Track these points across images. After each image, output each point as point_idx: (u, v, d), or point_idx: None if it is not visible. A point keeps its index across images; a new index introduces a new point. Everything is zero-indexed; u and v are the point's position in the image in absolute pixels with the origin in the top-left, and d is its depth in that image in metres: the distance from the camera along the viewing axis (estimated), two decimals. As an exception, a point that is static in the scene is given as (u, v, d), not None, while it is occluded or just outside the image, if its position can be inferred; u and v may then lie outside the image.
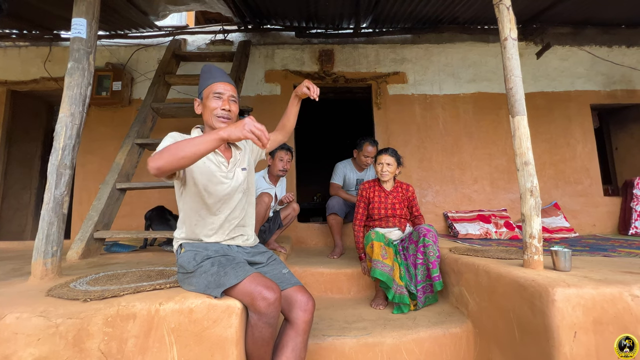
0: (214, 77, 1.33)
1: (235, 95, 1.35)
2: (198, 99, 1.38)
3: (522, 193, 1.46)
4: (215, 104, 1.30)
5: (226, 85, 1.32)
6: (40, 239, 1.42)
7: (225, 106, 1.30)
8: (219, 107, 1.29)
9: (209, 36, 3.65)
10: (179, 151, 1.05)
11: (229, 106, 1.31)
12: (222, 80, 1.33)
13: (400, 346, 1.50)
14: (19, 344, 1.03)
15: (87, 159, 3.40)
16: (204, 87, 1.34)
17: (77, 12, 1.59)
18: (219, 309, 1.11)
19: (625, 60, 3.68)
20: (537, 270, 1.39)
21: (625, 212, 3.38)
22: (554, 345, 1.11)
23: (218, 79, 1.33)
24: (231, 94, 1.33)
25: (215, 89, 1.31)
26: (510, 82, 1.52)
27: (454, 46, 3.67)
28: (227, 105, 1.30)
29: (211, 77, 1.33)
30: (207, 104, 1.32)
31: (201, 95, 1.35)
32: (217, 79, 1.33)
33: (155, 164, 1.05)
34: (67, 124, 1.51)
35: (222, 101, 1.30)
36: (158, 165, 1.05)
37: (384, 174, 2.14)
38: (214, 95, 1.31)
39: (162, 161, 1.05)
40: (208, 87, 1.32)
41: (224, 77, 1.34)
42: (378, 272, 1.78)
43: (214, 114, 1.30)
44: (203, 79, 1.35)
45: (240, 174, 1.36)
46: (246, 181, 1.39)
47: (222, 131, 1.06)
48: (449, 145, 3.53)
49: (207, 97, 1.32)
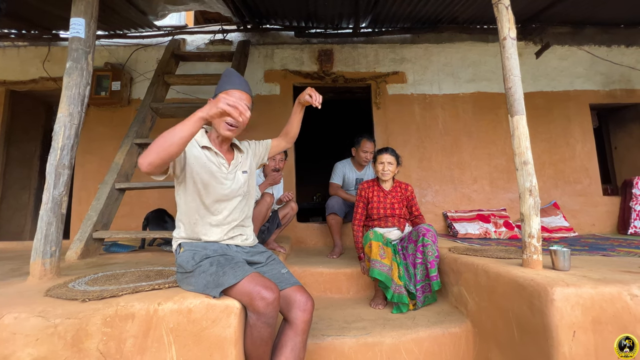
0: (232, 84, 1.33)
1: (249, 104, 1.35)
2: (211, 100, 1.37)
3: (521, 192, 1.46)
4: None
5: (242, 94, 1.32)
6: (38, 239, 1.41)
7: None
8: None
9: (208, 36, 3.65)
10: (164, 141, 1.07)
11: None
12: (239, 88, 1.33)
13: (400, 346, 1.50)
14: (17, 344, 1.02)
15: (86, 159, 3.40)
16: (220, 91, 1.33)
17: (75, 11, 1.59)
18: (217, 308, 1.11)
19: (624, 60, 3.68)
20: (536, 269, 1.39)
21: (624, 211, 3.38)
22: (553, 345, 1.11)
23: (235, 86, 1.32)
24: (245, 103, 1.32)
25: (232, 95, 1.30)
26: (509, 81, 1.52)
27: (453, 46, 3.67)
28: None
29: (229, 83, 1.33)
30: None
31: (215, 97, 1.35)
32: (234, 86, 1.32)
33: (146, 159, 1.06)
34: (66, 123, 1.51)
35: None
36: (149, 160, 1.06)
37: (385, 173, 2.14)
38: None
39: (152, 155, 1.06)
40: (224, 92, 1.32)
41: (242, 85, 1.34)
42: (376, 272, 1.78)
43: (224, 119, 1.29)
44: (222, 82, 1.35)
45: (241, 176, 1.37)
46: (247, 184, 1.40)
47: (200, 111, 1.10)
48: (448, 145, 3.53)
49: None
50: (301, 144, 4.35)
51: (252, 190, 1.45)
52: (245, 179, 1.39)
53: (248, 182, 1.41)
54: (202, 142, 1.33)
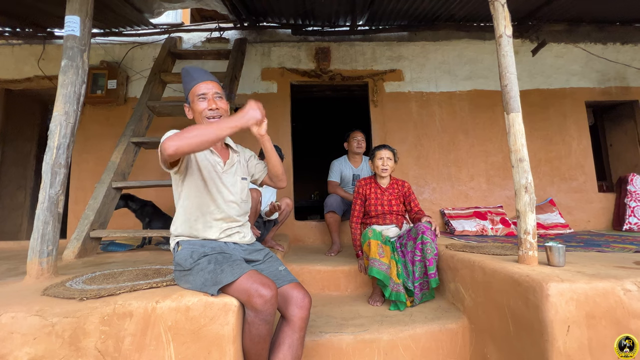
0: (194, 79, 1.32)
1: (220, 90, 1.34)
2: (187, 105, 1.37)
3: (517, 189, 1.47)
4: (202, 106, 1.30)
5: (207, 84, 1.31)
6: (35, 238, 1.41)
7: (211, 106, 1.30)
8: (206, 108, 1.30)
9: (205, 34, 3.63)
10: (199, 134, 1.08)
11: (215, 105, 1.30)
12: (203, 79, 1.32)
13: (397, 342, 1.52)
14: (15, 343, 1.02)
15: (82, 158, 3.38)
16: (188, 91, 1.34)
17: (70, 9, 1.58)
18: (215, 306, 1.11)
19: (620, 58, 3.70)
20: (532, 265, 1.40)
21: (619, 208, 3.41)
22: (548, 340, 1.13)
23: (198, 79, 1.32)
24: (215, 92, 1.32)
25: (198, 90, 1.31)
26: (505, 79, 1.53)
27: (450, 43, 3.67)
28: (213, 104, 1.30)
29: (192, 80, 1.33)
30: (194, 107, 1.32)
31: (188, 100, 1.35)
32: (197, 80, 1.32)
33: (174, 143, 1.06)
34: (62, 122, 1.50)
35: (208, 101, 1.30)
36: (178, 144, 1.07)
37: (384, 168, 2.14)
38: (198, 98, 1.31)
39: (183, 142, 1.07)
40: (191, 90, 1.32)
41: (203, 75, 1.33)
42: (375, 271, 1.79)
43: (203, 115, 1.30)
44: (184, 82, 1.35)
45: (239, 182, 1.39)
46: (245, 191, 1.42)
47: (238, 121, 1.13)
48: (445, 142, 3.54)
49: (193, 100, 1.32)
50: (299, 141, 4.36)
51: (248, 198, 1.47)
52: (244, 185, 1.41)
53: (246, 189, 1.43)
54: None
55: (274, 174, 1.45)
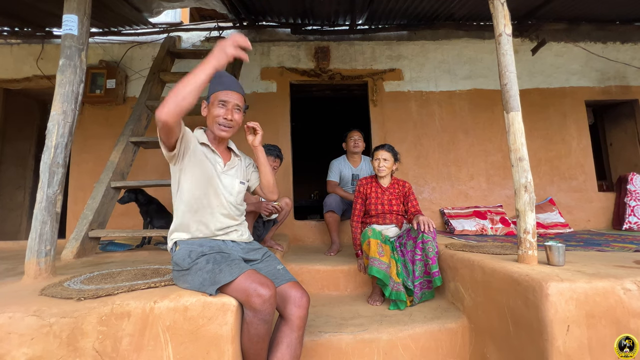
0: (222, 84, 1.34)
1: (241, 104, 1.36)
2: (205, 102, 1.39)
3: (517, 189, 1.46)
4: (219, 112, 1.31)
5: (233, 94, 1.33)
6: (33, 238, 1.40)
7: (227, 115, 1.31)
8: (222, 116, 1.31)
9: (204, 33, 3.62)
10: (181, 89, 1.07)
11: (231, 115, 1.32)
12: (230, 88, 1.33)
13: (397, 342, 1.51)
14: (12, 343, 1.02)
15: (81, 157, 3.37)
16: (212, 93, 1.35)
17: (68, 8, 1.57)
18: (214, 306, 1.11)
19: (620, 57, 3.69)
20: (531, 265, 1.40)
21: (619, 207, 3.41)
22: (548, 339, 1.12)
23: (226, 87, 1.33)
24: (236, 103, 1.33)
25: (221, 96, 1.32)
26: (505, 78, 1.52)
27: (449, 43, 3.66)
28: (229, 114, 1.32)
29: (220, 84, 1.34)
30: (211, 109, 1.34)
31: (209, 99, 1.37)
32: (225, 87, 1.33)
33: (163, 109, 1.06)
34: (59, 121, 1.50)
35: (226, 110, 1.32)
36: (166, 109, 1.06)
37: (380, 169, 2.14)
38: (219, 103, 1.32)
39: (170, 104, 1.07)
40: (216, 93, 1.33)
41: (232, 85, 1.35)
42: (375, 270, 1.79)
43: (216, 121, 1.32)
44: (212, 83, 1.35)
45: (237, 185, 1.41)
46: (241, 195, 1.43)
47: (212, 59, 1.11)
48: (445, 142, 3.54)
49: (213, 103, 1.34)
50: (298, 141, 4.36)
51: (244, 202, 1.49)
52: (241, 189, 1.42)
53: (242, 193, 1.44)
54: (201, 139, 1.36)
55: (264, 184, 1.48)
